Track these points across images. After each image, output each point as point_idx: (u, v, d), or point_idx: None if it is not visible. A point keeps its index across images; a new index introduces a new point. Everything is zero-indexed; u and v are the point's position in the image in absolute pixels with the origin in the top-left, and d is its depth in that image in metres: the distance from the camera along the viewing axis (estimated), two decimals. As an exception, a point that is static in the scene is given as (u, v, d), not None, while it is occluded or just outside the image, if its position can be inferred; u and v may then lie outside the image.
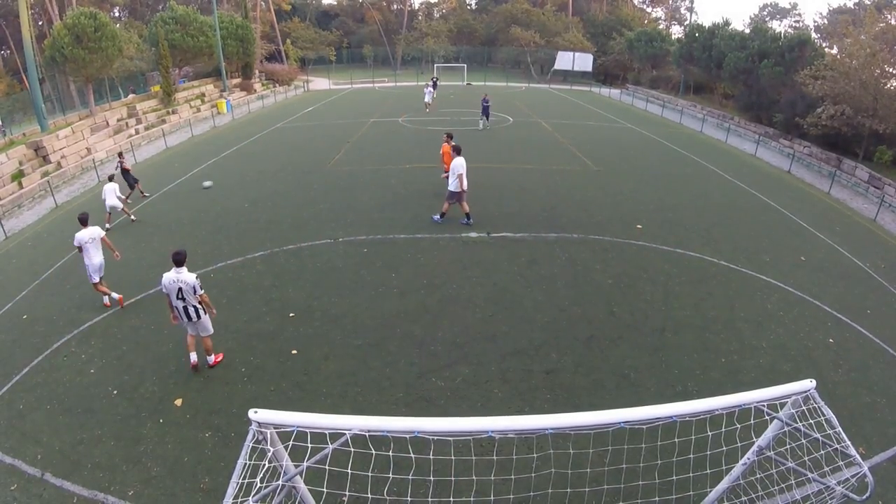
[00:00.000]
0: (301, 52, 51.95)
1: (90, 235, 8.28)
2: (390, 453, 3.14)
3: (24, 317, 8.50)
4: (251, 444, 2.92)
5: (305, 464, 2.90)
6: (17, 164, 16.96)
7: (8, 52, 43.32)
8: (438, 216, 12.00)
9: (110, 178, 12.69)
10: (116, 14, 47.64)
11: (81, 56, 22.61)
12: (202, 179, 15.78)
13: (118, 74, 28.52)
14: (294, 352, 7.36)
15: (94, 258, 8.33)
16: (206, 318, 6.78)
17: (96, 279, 8.46)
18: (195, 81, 34.36)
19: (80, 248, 8.27)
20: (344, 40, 58.36)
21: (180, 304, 6.53)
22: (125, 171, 14.58)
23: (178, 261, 6.47)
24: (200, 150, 20.75)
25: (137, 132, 23.45)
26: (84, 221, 8.39)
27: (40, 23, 40.44)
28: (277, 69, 44.10)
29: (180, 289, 6.44)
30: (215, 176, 16.53)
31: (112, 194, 12.18)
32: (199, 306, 6.61)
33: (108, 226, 12.23)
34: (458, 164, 11.21)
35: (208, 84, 33.73)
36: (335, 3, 65.87)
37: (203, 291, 6.58)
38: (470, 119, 26.34)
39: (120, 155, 15.87)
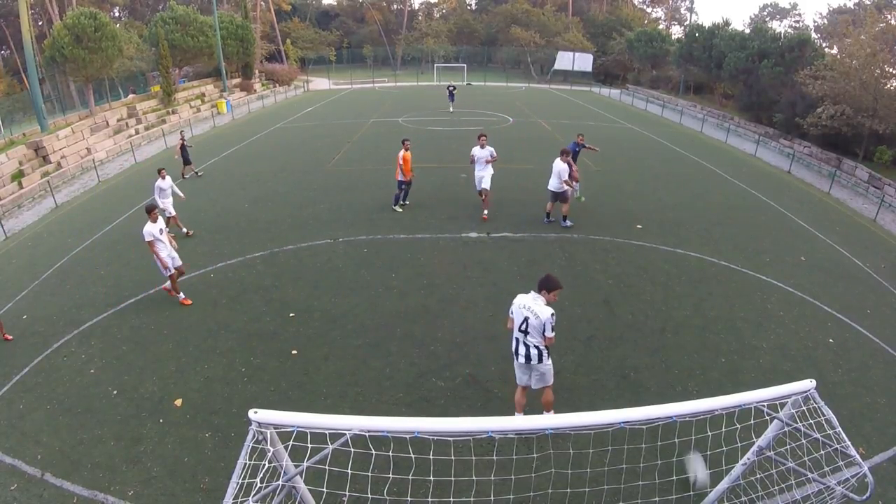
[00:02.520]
0: (301, 53, 51.98)
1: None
2: (390, 453, 3.14)
3: (24, 317, 8.50)
4: (251, 445, 2.91)
5: (305, 464, 2.90)
6: (17, 164, 16.97)
7: (8, 51, 43.32)
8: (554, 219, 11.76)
9: (160, 172, 11.32)
10: (116, 14, 47.67)
11: (81, 56, 22.62)
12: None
13: (118, 74, 28.53)
14: (294, 352, 7.35)
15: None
16: (547, 364, 5.40)
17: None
18: (195, 81, 34.38)
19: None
20: (344, 40, 58.39)
21: (521, 337, 5.32)
22: (183, 148, 15.57)
23: (545, 286, 5.22)
24: (200, 150, 20.71)
25: (137, 132, 23.46)
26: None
27: (40, 23, 40.44)
28: (277, 69, 44.13)
29: (526, 319, 5.19)
30: (216, 176, 16.54)
31: (158, 192, 11.11)
32: (542, 349, 5.30)
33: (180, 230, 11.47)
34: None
35: (208, 84, 33.75)
36: (335, 3, 65.93)
37: (553, 334, 5.15)
38: (470, 119, 26.36)
39: (182, 133, 16.63)
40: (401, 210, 12.70)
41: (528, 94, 39.64)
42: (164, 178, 11.22)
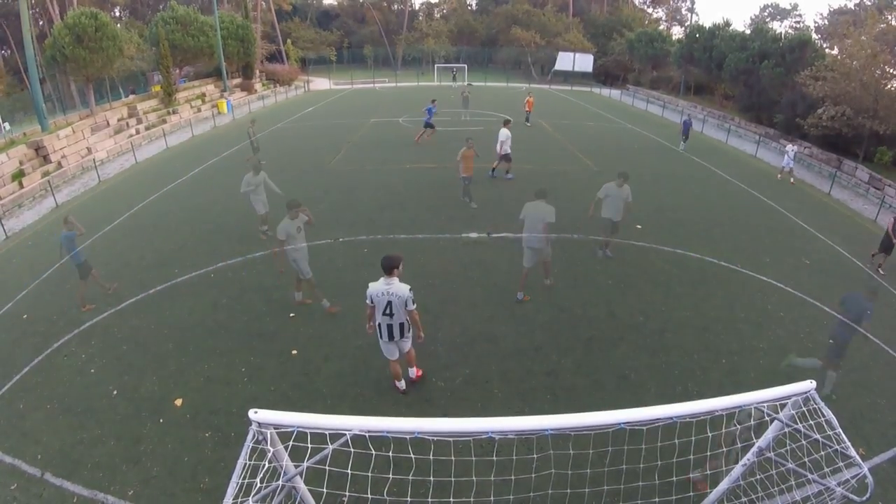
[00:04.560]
0: (302, 53, 51.96)
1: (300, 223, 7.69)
2: (390, 454, 3.15)
3: (25, 316, 8.50)
4: (251, 445, 2.91)
5: (305, 464, 2.90)
6: (18, 163, 16.95)
7: (8, 51, 43.34)
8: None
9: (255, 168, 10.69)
10: (117, 14, 47.68)
11: (82, 56, 22.61)
12: (197, 179, 15.74)
13: (119, 74, 28.52)
14: (294, 352, 7.36)
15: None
16: (409, 337, 6.02)
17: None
18: (196, 81, 34.37)
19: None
20: (344, 40, 58.38)
21: (385, 321, 5.65)
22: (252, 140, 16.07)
23: (389, 267, 5.41)
24: (201, 150, 20.74)
25: (138, 132, 23.45)
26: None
27: (41, 22, 40.48)
28: (278, 69, 44.10)
29: (389, 303, 5.50)
30: (216, 177, 16.53)
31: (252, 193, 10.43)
32: (405, 323, 5.77)
33: (263, 228, 11.12)
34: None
35: (209, 84, 33.74)
36: (336, 3, 65.88)
37: (415, 307, 5.55)
38: (471, 119, 26.37)
39: (252, 122, 17.09)
40: (473, 205, 13.02)
41: (528, 95, 39.56)
42: (256, 173, 10.50)
